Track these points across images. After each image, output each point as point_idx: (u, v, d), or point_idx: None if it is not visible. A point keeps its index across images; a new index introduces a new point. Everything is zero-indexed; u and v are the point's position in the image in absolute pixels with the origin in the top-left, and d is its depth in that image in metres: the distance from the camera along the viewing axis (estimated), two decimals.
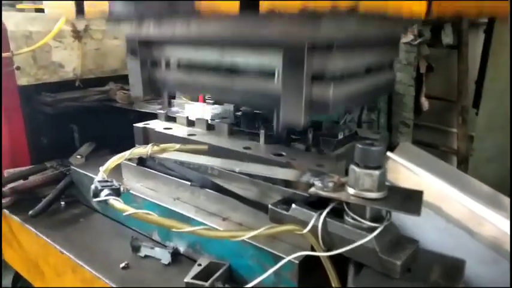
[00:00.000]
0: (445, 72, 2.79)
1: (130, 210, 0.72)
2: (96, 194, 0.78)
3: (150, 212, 0.71)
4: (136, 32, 0.98)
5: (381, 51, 1.02)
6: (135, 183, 1.16)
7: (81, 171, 1.27)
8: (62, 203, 1.30)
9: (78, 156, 1.43)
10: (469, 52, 2.21)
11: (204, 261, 0.92)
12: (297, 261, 0.79)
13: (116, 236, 1.13)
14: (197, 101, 1.37)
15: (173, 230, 0.70)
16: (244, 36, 0.82)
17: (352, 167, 0.70)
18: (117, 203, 0.74)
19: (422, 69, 2.75)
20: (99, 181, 0.81)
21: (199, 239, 0.95)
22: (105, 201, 0.76)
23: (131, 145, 1.10)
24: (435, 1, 0.66)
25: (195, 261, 0.94)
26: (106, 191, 0.77)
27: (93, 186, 0.79)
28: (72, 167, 1.31)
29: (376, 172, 0.68)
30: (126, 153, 0.90)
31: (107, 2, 0.79)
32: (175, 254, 1.01)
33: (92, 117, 1.55)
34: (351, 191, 0.71)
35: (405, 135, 2.94)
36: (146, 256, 1.02)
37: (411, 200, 0.69)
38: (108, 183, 0.80)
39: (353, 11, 0.59)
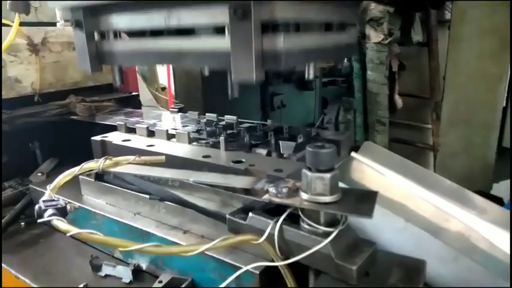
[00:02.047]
0: (417, 70, 2.83)
1: (73, 230, 0.68)
2: (40, 214, 0.74)
3: (94, 232, 0.67)
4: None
5: (338, 10, 0.99)
6: (94, 199, 1.12)
7: (39, 189, 1.21)
8: (22, 223, 1.24)
9: (39, 174, 1.37)
10: (439, 49, 2.24)
11: (165, 278, 0.88)
12: (257, 272, 0.76)
13: (77, 256, 1.07)
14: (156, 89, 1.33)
15: (119, 249, 0.66)
16: None
17: (304, 171, 0.68)
18: (60, 223, 0.70)
19: (395, 67, 2.78)
20: (43, 201, 0.76)
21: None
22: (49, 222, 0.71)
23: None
24: None
25: (157, 277, 0.90)
26: (50, 211, 0.73)
27: (36, 207, 0.75)
28: (31, 186, 1.26)
29: (328, 175, 0.65)
30: (76, 169, 0.86)
31: None
32: (137, 271, 0.97)
33: (53, 132, 1.49)
34: (304, 196, 0.68)
35: (381, 133, 2.96)
36: (107, 275, 0.98)
37: (365, 202, 0.67)
38: (54, 203, 0.76)
39: None
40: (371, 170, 1.03)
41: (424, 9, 2.04)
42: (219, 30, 0.85)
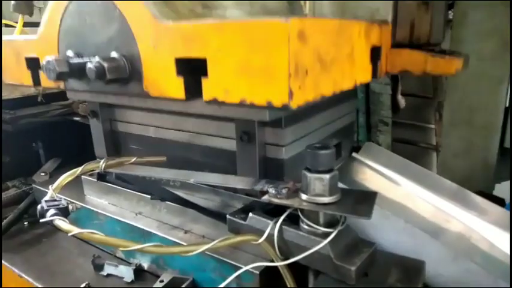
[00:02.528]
0: None
1: (75, 230, 0.69)
2: (42, 214, 0.74)
3: (96, 232, 0.67)
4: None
5: (336, 110, 1.08)
6: (97, 199, 1.12)
7: (42, 189, 1.22)
8: (25, 223, 1.25)
9: (42, 174, 1.38)
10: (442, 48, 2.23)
11: (166, 277, 0.89)
12: (257, 272, 0.76)
13: (80, 255, 1.08)
14: None
15: (120, 249, 0.66)
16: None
17: (304, 172, 0.68)
18: (62, 223, 0.71)
19: None
20: (46, 201, 0.77)
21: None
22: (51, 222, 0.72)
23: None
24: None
25: (159, 277, 0.91)
26: (52, 211, 0.74)
27: (39, 207, 0.76)
28: (34, 185, 1.27)
29: (327, 176, 0.66)
30: (78, 170, 0.87)
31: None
32: (139, 271, 0.97)
33: (56, 132, 1.50)
34: (303, 196, 0.68)
35: (384, 133, 2.95)
36: (109, 275, 0.98)
37: (364, 203, 0.67)
38: (56, 203, 0.76)
39: None
40: (372, 171, 1.04)
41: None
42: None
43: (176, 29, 0.58)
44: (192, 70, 0.58)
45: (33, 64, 0.82)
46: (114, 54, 0.65)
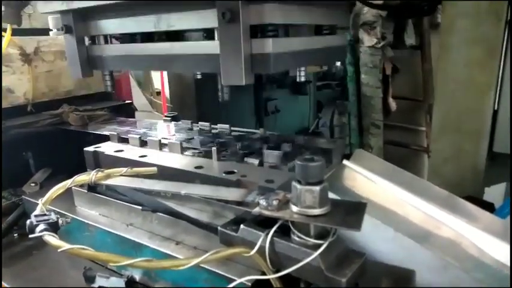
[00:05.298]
0: (410, 73, 2.84)
1: (65, 246, 0.68)
2: (32, 229, 0.74)
3: (85, 247, 0.67)
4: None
5: (328, 13, 1.00)
6: (88, 210, 1.12)
7: (32, 200, 1.21)
8: (15, 235, 1.24)
9: (32, 184, 1.37)
10: (432, 51, 2.25)
11: None
12: (249, 284, 0.76)
13: (71, 268, 1.07)
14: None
15: (110, 264, 0.66)
16: None
17: (294, 184, 0.68)
18: (52, 239, 0.70)
19: (388, 70, 2.79)
20: (35, 215, 0.76)
21: None
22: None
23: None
24: None
25: None
26: (42, 226, 0.73)
27: (28, 222, 0.75)
28: (24, 197, 1.25)
29: (317, 188, 0.66)
30: (68, 182, 0.86)
31: None
32: (131, 283, 0.97)
33: (46, 142, 1.48)
34: (294, 208, 0.68)
35: (376, 136, 2.96)
36: (100, 287, 0.97)
37: (354, 214, 0.67)
38: (45, 217, 0.76)
39: None
40: (362, 178, 1.04)
41: (415, 15, 2.06)
42: (209, 35, 0.85)
43: None
44: None
45: None
46: None
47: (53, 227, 0.74)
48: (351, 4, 1.73)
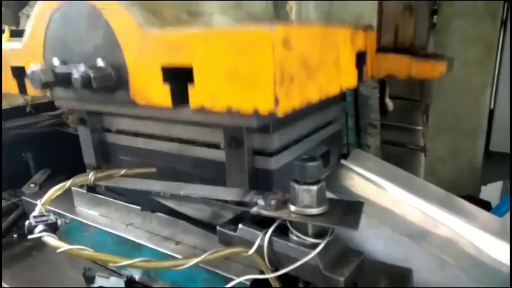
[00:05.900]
0: None
1: (64, 246, 0.68)
2: (31, 230, 0.74)
3: (85, 248, 0.67)
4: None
5: (324, 113, 1.07)
6: (87, 210, 1.12)
7: (32, 201, 1.21)
8: (15, 235, 1.24)
9: (32, 185, 1.37)
10: (428, 51, 2.26)
11: None
12: (248, 283, 0.77)
13: (71, 268, 1.07)
14: None
15: (110, 264, 0.67)
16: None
17: (292, 183, 0.69)
18: (51, 239, 0.71)
19: None
20: (34, 216, 0.77)
21: None
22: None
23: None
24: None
25: None
26: (41, 227, 0.74)
27: (27, 223, 0.75)
28: (23, 197, 1.26)
29: (314, 187, 0.67)
30: (67, 183, 0.86)
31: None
32: (131, 282, 0.97)
33: (46, 142, 1.49)
34: (292, 208, 0.69)
35: (373, 135, 2.97)
36: (100, 287, 0.98)
37: (351, 213, 0.68)
38: (44, 218, 0.76)
39: None
40: (360, 177, 1.05)
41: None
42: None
43: (162, 37, 0.58)
44: (179, 78, 0.58)
45: (18, 73, 0.80)
46: (100, 62, 0.65)
47: (52, 228, 0.75)
48: None
